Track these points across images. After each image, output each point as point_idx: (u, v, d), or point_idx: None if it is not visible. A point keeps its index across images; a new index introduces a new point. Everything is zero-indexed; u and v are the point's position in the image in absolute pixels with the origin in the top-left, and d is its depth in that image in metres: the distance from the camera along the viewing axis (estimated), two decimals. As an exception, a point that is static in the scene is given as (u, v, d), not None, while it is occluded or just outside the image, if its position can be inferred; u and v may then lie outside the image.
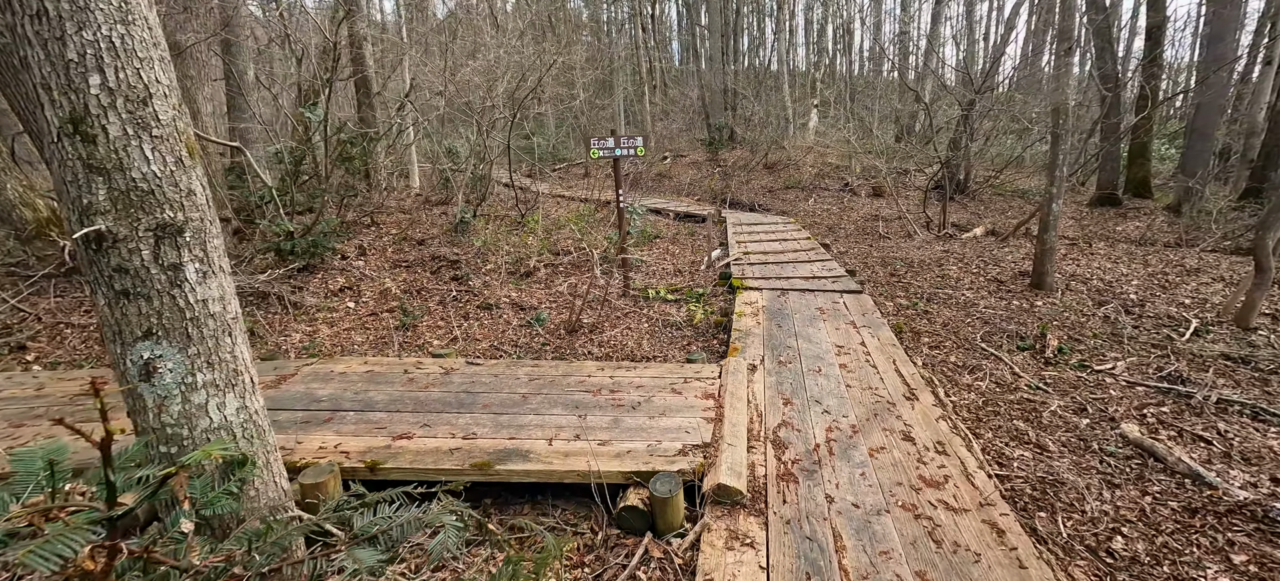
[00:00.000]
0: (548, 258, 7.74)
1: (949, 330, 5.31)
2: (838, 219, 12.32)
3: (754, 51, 35.45)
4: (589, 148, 6.01)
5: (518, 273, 7.04)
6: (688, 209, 12.25)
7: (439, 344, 5.26)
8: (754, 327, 5.02)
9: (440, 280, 6.79)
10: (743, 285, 6.30)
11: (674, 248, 9.00)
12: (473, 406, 3.52)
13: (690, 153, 20.63)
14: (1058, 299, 6.01)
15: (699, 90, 23.43)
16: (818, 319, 5.25)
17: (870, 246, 9.06)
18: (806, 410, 3.60)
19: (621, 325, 5.57)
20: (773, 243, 8.66)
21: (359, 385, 3.86)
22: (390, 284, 6.50)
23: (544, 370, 4.10)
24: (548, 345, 5.14)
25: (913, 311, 5.81)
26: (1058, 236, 6.18)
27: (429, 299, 6.29)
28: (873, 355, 4.43)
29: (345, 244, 7.61)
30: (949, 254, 8.11)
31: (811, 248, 8.17)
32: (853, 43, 32.89)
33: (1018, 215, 12.23)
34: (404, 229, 8.39)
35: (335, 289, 6.37)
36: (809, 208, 13.84)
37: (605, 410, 3.47)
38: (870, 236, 10.10)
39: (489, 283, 6.68)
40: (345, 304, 6.09)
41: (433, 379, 3.95)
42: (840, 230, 10.96)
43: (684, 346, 5.13)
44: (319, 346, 5.15)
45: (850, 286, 6.10)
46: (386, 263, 7.23)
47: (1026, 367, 4.60)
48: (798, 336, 4.82)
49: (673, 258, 8.35)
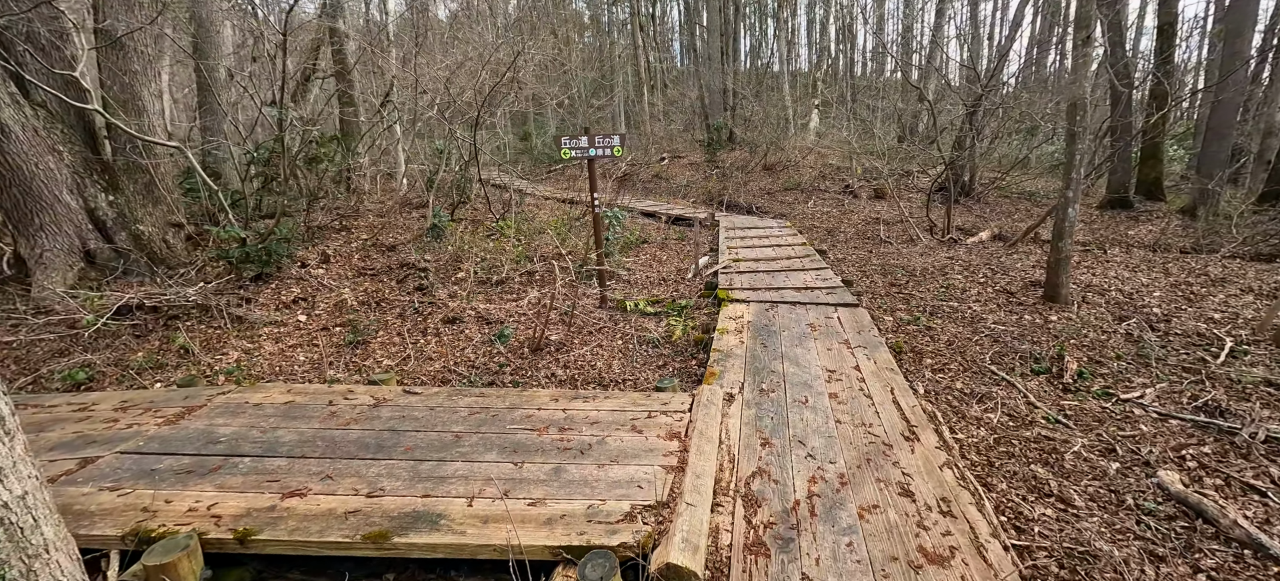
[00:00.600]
0: (526, 265, 7.19)
1: (955, 350, 4.72)
2: (837, 222, 11.72)
3: (755, 52, 34.84)
4: (561, 148, 5.45)
5: (489, 282, 6.50)
6: (681, 212, 11.68)
7: (389, 363, 4.72)
8: (736, 347, 4.45)
9: (404, 290, 6.25)
10: (729, 297, 5.73)
11: (661, 253, 8.44)
12: (393, 450, 2.97)
13: (688, 154, 20.06)
14: (1074, 313, 5.40)
15: (698, 90, 22.86)
16: (808, 337, 4.67)
17: (870, 252, 8.46)
18: (787, 453, 3.03)
19: (593, 342, 5.01)
20: (766, 248, 8.08)
21: (272, 420, 3.32)
22: (348, 295, 5.96)
23: (489, 401, 3.54)
24: (507, 366, 4.58)
25: (914, 327, 5.22)
26: (1073, 244, 5.58)
27: (389, 311, 5.75)
28: (868, 381, 3.85)
29: (309, 250, 7.08)
30: (954, 261, 7.51)
31: (807, 255, 7.58)
32: (855, 42, 32.23)
33: (1025, 218, 11.60)
34: (375, 234, 7.87)
35: (288, 300, 5.84)
36: (807, 210, 13.25)
37: (548, 455, 2.91)
38: (870, 241, 9.50)
39: (456, 293, 6.13)
40: (296, 317, 5.55)
41: (358, 412, 3.40)
42: (839, 234, 10.36)
43: (659, 368, 4.56)
44: (252, 368, 4.61)
45: (846, 299, 5.51)
46: (350, 271, 6.70)
47: (1043, 395, 4.01)
48: (784, 358, 4.24)
49: (659, 265, 7.78)
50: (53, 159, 5.74)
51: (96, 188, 6.08)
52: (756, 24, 35.51)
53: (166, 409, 3.51)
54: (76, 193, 5.94)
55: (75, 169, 5.93)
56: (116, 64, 5.98)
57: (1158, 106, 11.53)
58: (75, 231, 5.90)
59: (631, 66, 28.24)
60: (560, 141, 5.44)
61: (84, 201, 6.00)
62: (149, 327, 5.26)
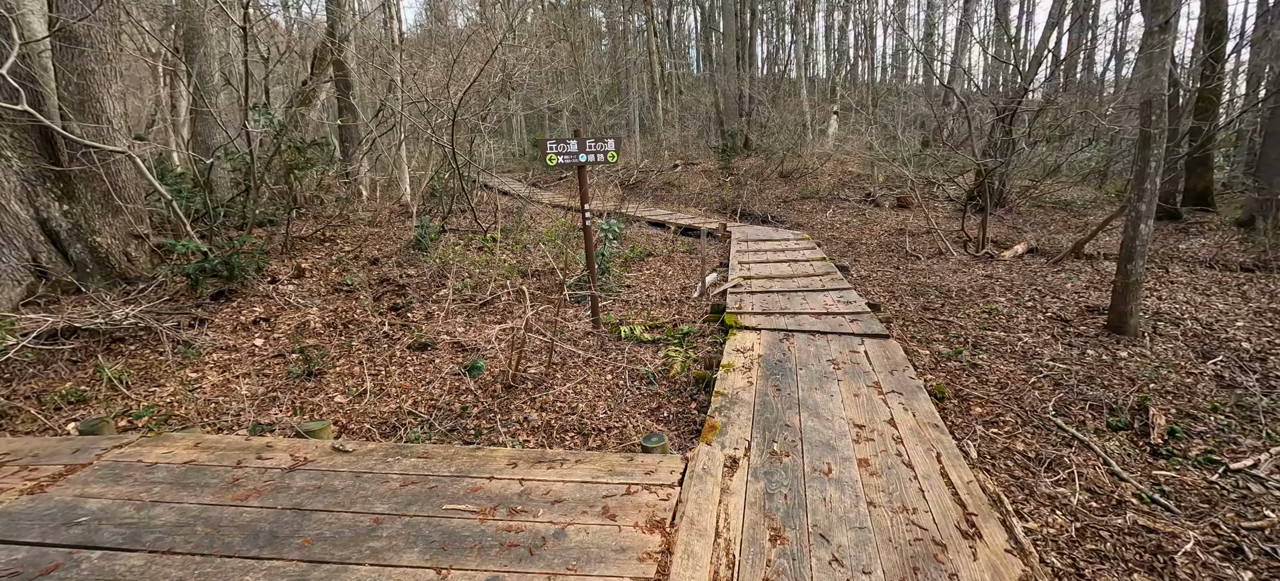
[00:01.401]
0: (516, 280, 6.48)
1: (1008, 394, 3.86)
2: (858, 233, 10.83)
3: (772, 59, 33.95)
4: (545, 153, 4.73)
5: (473, 301, 5.80)
6: (691, 221, 10.90)
7: (341, 401, 4.03)
8: (744, 390, 3.66)
9: (378, 310, 5.58)
10: (737, 323, 4.94)
11: (667, 268, 7.67)
12: (288, 542, 2.25)
13: (702, 160, 19.28)
14: (1146, 348, 4.50)
15: (713, 96, 22.07)
16: (830, 377, 3.86)
17: (897, 269, 7.59)
18: (805, 556, 2.24)
19: (578, 377, 4.26)
20: (781, 264, 7.26)
21: (158, 489, 2.63)
22: (314, 316, 5.31)
23: (432, 465, 2.81)
24: (474, 407, 3.85)
25: (956, 364, 4.37)
26: (1145, 266, 4.67)
27: (356, 334, 5.08)
28: (906, 442, 3.03)
29: (284, 263, 6.47)
30: (993, 280, 6.61)
31: (826, 271, 6.74)
32: (875, 47, 31.18)
33: (1062, 230, 10.60)
34: (360, 245, 7.24)
35: (248, 320, 5.20)
36: (826, 220, 12.37)
37: (487, 556, 2.16)
38: (896, 255, 8.61)
39: (434, 314, 5.44)
40: (252, 341, 4.91)
41: (267, 479, 2.69)
42: (861, 247, 9.48)
43: (651, 411, 3.80)
44: (182, 406, 3.95)
45: (873, 328, 4.68)
46: (325, 287, 6.06)
47: (1129, 461, 3.15)
48: (801, 407, 3.44)
49: (663, 281, 7.01)
50: (0, 166, 5.20)
51: (50, 196, 5.52)
52: (773, 30, 34.65)
53: (47, 466, 2.85)
54: (27, 202, 5.39)
55: (25, 176, 5.38)
56: (71, 62, 5.43)
57: (1206, 111, 10.45)
58: (25, 244, 5.35)
59: (646, 72, 27.60)
60: (544, 146, 4.71)
61: (35, 211, 5.44)
62: (89, 352, 4.65)
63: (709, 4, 30.24)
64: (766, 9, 31.33)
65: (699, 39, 34.79)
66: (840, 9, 29.22)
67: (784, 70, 29.78)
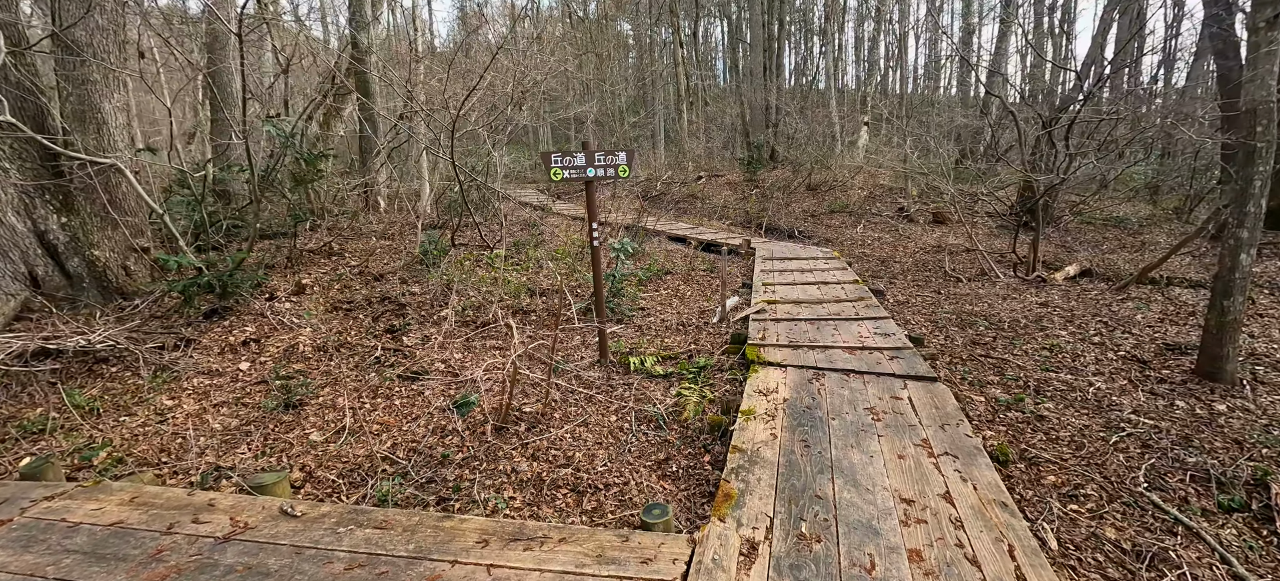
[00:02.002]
0: (525, 300, 6.03)
1: (1087, 459, 3.19)
2: (892, 251, 10.10)
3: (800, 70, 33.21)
4: (549, 167, 4.25)
5: (473, 323, 5.36)
6: (713, 236, 10.33)
7: (317, 439, 3.60)
8: (766, 445, 3.09)
9: (374, 331, 5.19)
10: (760, 357, 4.36)
11: (686, 288, 7.12)
12: (188, 654, 1.78)
13: (727, 172, 18.69)
14: (1249, 399, 3.76)
15: (739, 107, 21.48)
16: (868, 430, 3.26)
17: (937, 293, 6.88)
18: (845, 704, 1.66)
19: (578, 418, 3.75)
20: (809, 286, 6.63)
21: (70, 560, 2.21)
22: (306, 338, 4.94)
23: (388, 539, 2.33)
24: (457, 453, 3.37)
25: (1017, 415, 3.71)
26: (1243, 302, 3.93)
27: (346, 360, 4.68)
28: (968, 528, 2.42)
29: (286, 278, 6.16)
30: (1049, 308, 5.87)
31: (860, 296, 6.10)
32: (906, 58, 30.19)
33: (1116, 250, 9.68)
34: (366, 260, 6.91)
35: (238, 341, 4.86)
36: (856, 236, 11.65)
37: (427, 688, 1.65)
38: (934, 276, 7.89)
39: (431, 337, 5.01)
40: (237, 365, 4.55)
41: (194, 555, 2.25)
42: (895, 266, 8.77)
43: (658, 463, 3.26)
44: (147, 438, 3.58)
45: (918, 368, 4.05)
46: (325, 304, 5.71)
47: (1253, 558, 2.47)
48: (835, 470, 2.86)
49: (681, 303, 6.46)
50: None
51: (48, 208, 5.31)
52: (801, 41, 33.93)
53: (-39, 523, 2.47)
54: (24, 214, 5.18)
55: (24, 188, 5.18)
56: (73, 71, 5.23)
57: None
58: (21, 257, 5.13)
59: (672, 84, 27.22)
60: (549, 159, 4.24)
61: (33, 224, 5.23)
62: (71, 373, 4.36)
63: (736, 16, 29.77)
64: (794, 20, 30.69)
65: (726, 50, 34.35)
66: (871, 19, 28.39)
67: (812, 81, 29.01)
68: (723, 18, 32.48)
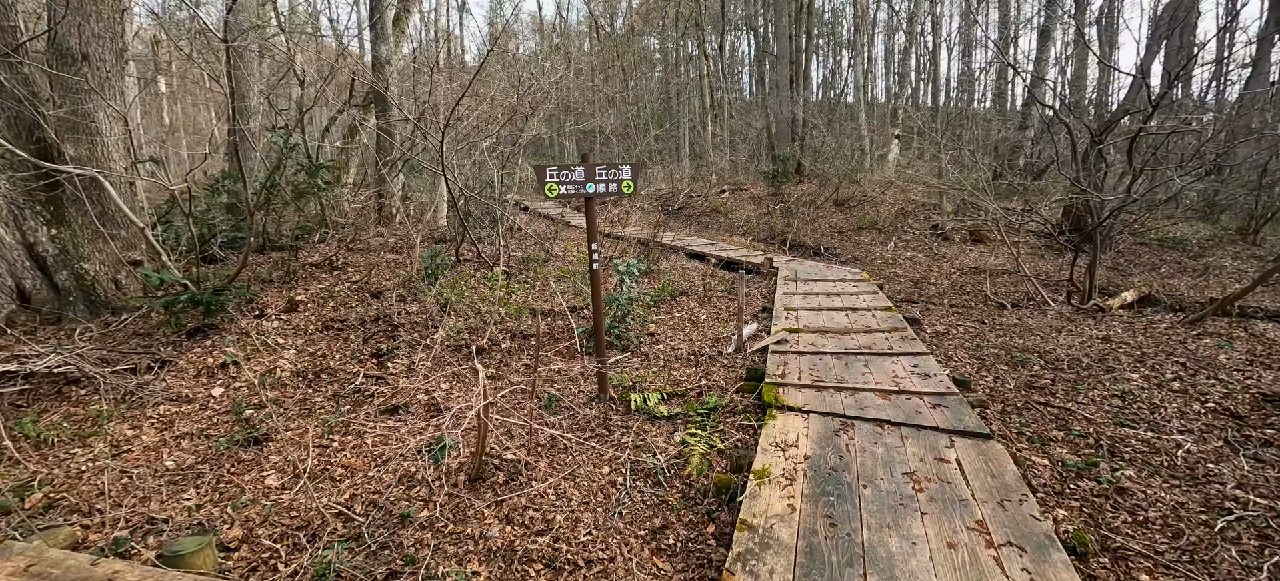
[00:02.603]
0: (527, 323, 5.57)
1: (1188, 552, 2.52)
2: (926, 271, 9.35)
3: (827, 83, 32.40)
4: (543, 182, 3.78)
5: (467, 348, 4.91)
6: (733, 253, 9.74)
7: (274, 483, 3.17)
8: (781, 521, 2.52)
9: (361, 355, 4.78)
10: (779, 400, 3.77)
11: (701, 311, 6.55)
12: None
13: (751, 186, 18.07)
14: (1388, 473, 3.00)
15: (765, 120, 20.86)
16: (908, 504, 2.65)
17: (980, 322, 6.15)
18: None
19: (566, 469, 3.23)
20: (836, 312, 6.00)
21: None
22: (287, 361, 4.56)
23: (300, 646, 1.85)
24: (421, 511, 2.89)
25: (1091, 485, 3.03)
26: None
27: (324, 389, 4.27)
28: (1048, 661, 1.80)
29: (282, 293, 5.84)
30: (1113, 344, 5.12)
31: (893, 326, 5.44)
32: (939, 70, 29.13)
33: (1175, 272, 8.76)
34: (367, 274, 6.56)
35: (216, 363, 4.50)
36: (887, 255, 10.91)
37: None
38: (975, 302, 7.15)
39: (417, 364, 4.58)
40: (210, 390, 4.18)
41: (59, 658, 1.81)
42: (930, 289, 8.04)
43: (652, 534, 2.71)
44: (88, 479, 3.20)
45: (966, 421, 3.41)
46: (317, 323, 5.34)
47: None
48: (868, 563, 2.26)
49: (694, 328, 5.91)
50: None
51: (38, 220, 5.09)
52: (829, 54, 33.14)
53: None
54: (14, 225, 4.96)
55: (13, 198, 4.97)
56: (68, 78, 5.02)
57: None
58: (9, 269, 4.90)
59: (697, 96, 26.77)
60: (543, 173, 3.77)
61: (22, 235, 5.01)
62: (40, 395, 4.06)
63: (763, 29, 29.18)
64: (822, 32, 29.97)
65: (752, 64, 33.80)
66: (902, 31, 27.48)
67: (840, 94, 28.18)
68: (749, 31, 31.97)
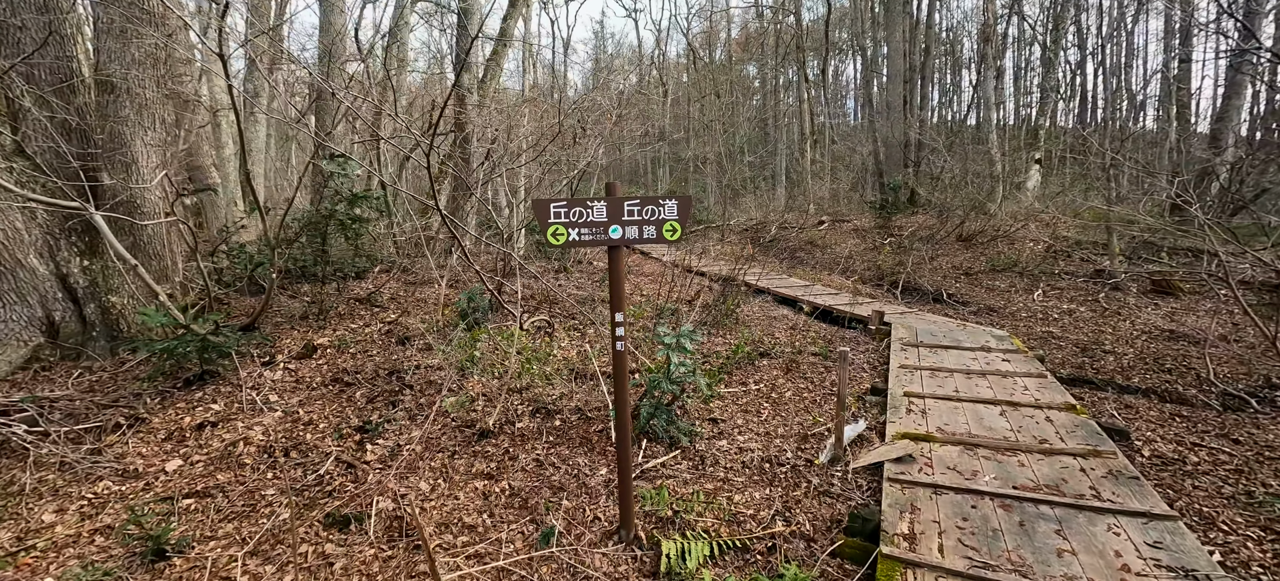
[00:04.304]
0: (560, 388, 4.37)
1: None
2: (1094, 333, 6.94)
3: (946, 104, 28.83)
4: (546, 223, 2.55)
5: (472, 428, 3.78)
6: (833, 301, 7.94)
7: (134, 647, 2.18)
8: None
9: (348, 425, 3.83)
10: (905, 590, 2.18)
11: (786, 383, 4.95)
12: None
13: (853, 217, 15.87)
14: None
15: (872, 145, 18.49)
16: None
17: (1231, 438, 3.94)
18: None
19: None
20: (986, 405, 4.13)
21: None
22: (264, 428, 3.70)
23: None
24: None
25: None
26: None
27: (285, 472, 3.33)
28: None
29: (302, 334, 5.16)
30: None
31: (1088, 445, 3.51)
32: (1086, 83, 24.71)
33: None
34: (401, 315, 5.77)
35: (192, 424, 3.76)
36: (1034, 307, 8.48)
37: None
38: (1190, 386, 4.83)
39: (404, 446, 3.51)
40: (165, 465, 3.40)
41: None
42: (1106, 360, 5.75)
43: None
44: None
45: None
46: (325, 375, 4.54)
47: None
48: None
49: (775, 411, 4.34)
50: (22, 218, 4.53)
51: (72, 251, 4.80)
52: (948, 72, 29.56)
53: None
54: (47, 256, 4.69)
55: (49, 229, 4.70)
56: (105, 107, 4.73)
57: None
58: (40, 301, 4.62)
59: (796, 121, 24.81)
60: (547, 211, 2.54)
61: (56, 265, 4.73)
62: (11, 450, 3.52)
63: (872, 50, 26.58)
64: (941, 49, 26.74)
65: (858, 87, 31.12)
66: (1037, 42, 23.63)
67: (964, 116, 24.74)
68: (856, 53, 29.45)
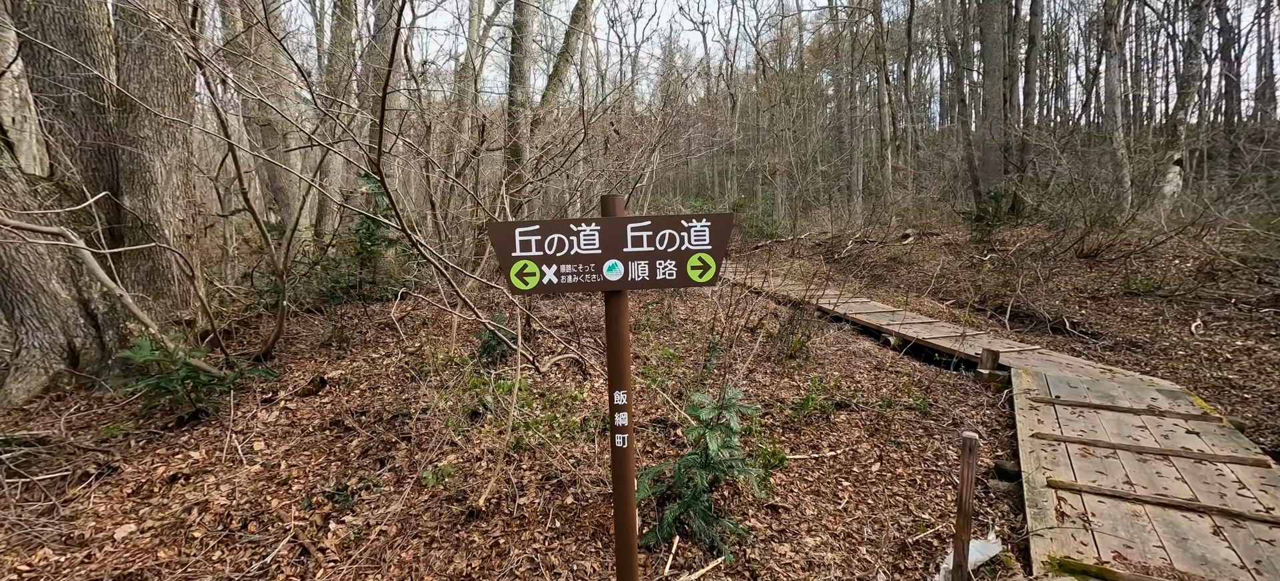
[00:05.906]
0: (577, 452, 3.52)
1: None
2: (1310, 390, 5.12)
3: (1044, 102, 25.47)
4: (510, 259, 1.72)
5: (465, 505, 3.00)
6: (928, 333, 6.53)
7: None
8: None
9: (322, 489, 3.17)
10: None
11: (869, 448, 3.77)
12: None
13: (944, 229, 13.97)
14: None
15: (965, 149, 16.36)
16: None
17: None
18: None
19: None
20: (1183, 513, 2.79)
21: None
22: (233, 487, 3.13)
23: None
24: None
25: None
26: None
27: (234, 553, 2.70)
28: None
29: (316, 366, 4.67)
30: None
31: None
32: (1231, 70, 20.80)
33: None
34: (421, 347, 5.18)
35: (164, 476, 3.27)
36: (1192, 342, 6.61)
37: None
38: None
39: (369, 530, 2.79)
40: (118, 530, 2.89)
41: None
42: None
43: None
44: None
45: None
46: (325, 417, 3.97)
47: None
48: None
49: (858, 492, 3.22)
50: (45, 242, 4.37)
51: (93, 275, 4.61)
52: (1055, 67, 26.18)
53: None
54: (69, 281, 4.51)
55: (71, 252, 4.53)
56: (123, 127, 4.51)
57: None
58: (61, 327, 4.43)
59: (876, 128, 22.79)
60: (508, 239, 1.70)
61: (78, 291, 4.54)
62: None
63: (961, 46, 24.02)
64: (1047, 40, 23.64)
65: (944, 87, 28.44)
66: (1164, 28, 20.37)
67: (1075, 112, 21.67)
68: (943, 52, 26.86)
